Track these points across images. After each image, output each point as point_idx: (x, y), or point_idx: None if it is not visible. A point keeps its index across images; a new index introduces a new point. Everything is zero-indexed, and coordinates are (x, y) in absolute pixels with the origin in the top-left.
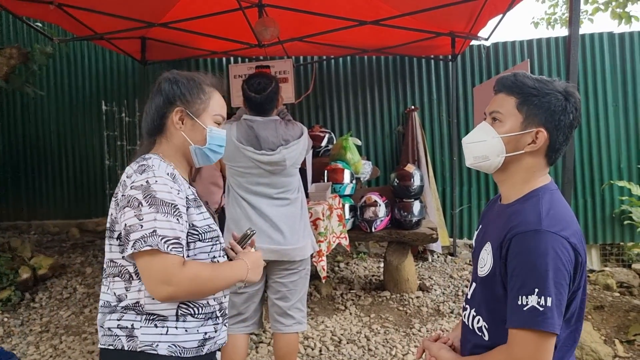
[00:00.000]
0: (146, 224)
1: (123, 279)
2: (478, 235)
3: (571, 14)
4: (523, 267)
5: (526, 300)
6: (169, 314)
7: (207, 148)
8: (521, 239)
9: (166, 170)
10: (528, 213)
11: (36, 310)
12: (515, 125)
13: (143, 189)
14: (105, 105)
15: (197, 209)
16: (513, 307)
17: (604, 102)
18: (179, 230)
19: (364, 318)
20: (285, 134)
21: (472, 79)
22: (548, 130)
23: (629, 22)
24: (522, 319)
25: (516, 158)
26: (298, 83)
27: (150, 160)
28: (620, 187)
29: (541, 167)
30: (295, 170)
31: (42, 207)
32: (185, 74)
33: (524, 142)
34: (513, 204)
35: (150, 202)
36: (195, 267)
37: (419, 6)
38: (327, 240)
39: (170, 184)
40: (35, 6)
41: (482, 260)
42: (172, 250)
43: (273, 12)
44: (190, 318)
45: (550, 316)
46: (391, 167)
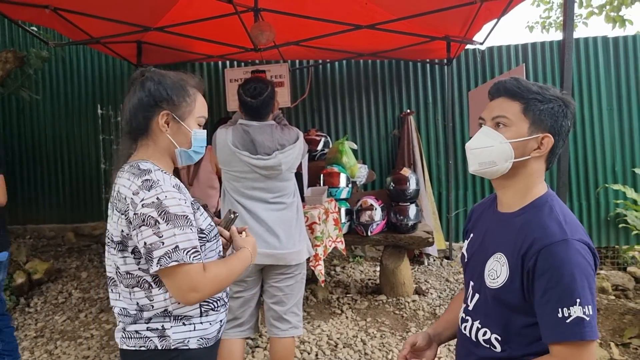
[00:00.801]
0: (167, 241)
1: (142, 289)
2: (472, 243)
3: (565, 19)
4: (560, 280)
5: (568, 312)
6: (194, 313)
7: (192, 150)
8: (550, 252)
9: (171, 183)
10: (549, 223)
11: (31, 315)
12: (522, 130)
13: (156, 206)
14: (101, 109)
15: (198, 211)
16: (553, 321)
17: (598, 106)
18: (194, 239)
19: (360, 322)
20: (281, 139)
21: (468, 83)
22: (552, 134)
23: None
24: (568, 332)
25: (522, 163)
26: (294, 87)
27: (152, 174)
28: (615, 190)
29: (542, 172)
30: (291, 175)
31: (38, 211)
32: (168, 74)
33: (530, 147)
34: (520, 213)
35: (166, 219)
36: (213, 269)
37: (414, 10)
38: (323, 245)
39: (179, 196)
40: (31, 10)
41: (494, 271)
42: (194, 259)
43: (269, 16)
44: (211, 312)
45: (594, 324)
46: (387, 170)
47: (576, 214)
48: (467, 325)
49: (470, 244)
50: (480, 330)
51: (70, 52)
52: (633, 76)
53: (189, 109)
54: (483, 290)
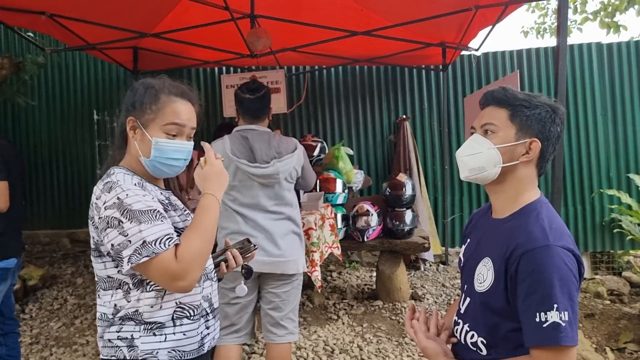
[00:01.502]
0: (133, 238)
1: (123, 290)
2: (468, 248)
3: (559, 26)
4: (540, 285)
5: (545, 316)
6: (165, 319)
7: (154, 160)
8: (532, 256)
9: (132, 181)
10: (533, 228)
11: (26, 321)
12: (509, 136)
13: (117, 207)
14: (97, 115)
15: (172, 211)
16: (532, 325)
17: (592, 112)
18: (166, 228)
19: (356, 327)
20: (279, 147)
21: (463, 89)
22: (540, 140)
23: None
24: (544, 336)
25: (511, 169)
26: (290, 93)
27: (114, 176)
28: (610, 195)
29: (533, 178)
30: (290, 185)
31: (33, 217)
32: (149, 82)
33: (519, 152)
34: (510, 219)
35: (129, 217)
36: (184, 244)
37: (409, 17)
38: (319, 250)
39: (141, 193)
40: (27, 16)
41: (481, 275)
42: (170, 244)
43: (265, 22)
44: (186, 321)
45: (571, 330)
46: (383, 176)
47: (571, 219)
48: (459, 328)
49: (467, 249)
50: (469, 333)
51: (66, 58)
52: (627, 82)
53: (152, 117)
54: (472, 294)
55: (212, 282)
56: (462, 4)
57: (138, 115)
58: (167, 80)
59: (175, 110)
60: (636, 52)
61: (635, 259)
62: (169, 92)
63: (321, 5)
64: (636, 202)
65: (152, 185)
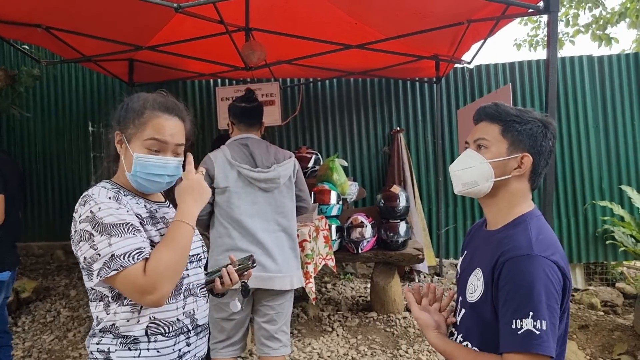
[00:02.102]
0: (102, 252)
1: (103, 302)
2: (464, 261)
3: (549, 40)
4: (517, 291)
5: (520, 323)
6: (139, 334)
7: (136, 175)
8: (514, 264)
9: (107, 195)
10: (519, 238)
11: (19, 334)
12: (501, 150)
13: (89, 220)
14: (91, 127)
15: (152, 226)
16: (507, 332)
17: (584, 124)
18: (138, 242)
19: (351, 339)
20: (277, 154)
21: (456, 101)
22: (531, 154)
23: (609, 44)
24: (517, 343)
25: (503, 183)
26: (285, 105)
27: (91, 190)
28: (602, 207)
29: (526, 192)
30: (290, 193)
31: (27, 229)
32: (137, 97)
33: (511, 167)
34: (501, 230)
35: (100, 230)
36: (153, 258)
37: (403, 30)
38: (313, 262)
39: (115, 206)
40: (23, 29)
41: (472, 286)
42: (139, 258)
43: (260, 35)
44: (160, 337)
45: (546, 339)
46: (377, 187)
47: (564, 230)
48: (453, 338)
49: (463, 261)
50: (463, 342)
51: (61, 70)
52: (618, 94)
53: (134, 131)
54: (465, 305)
55: (196, 297)
56: (454, 18)
57: (123, 129)
58: (155, 95)
59: (156, 125)
60: (627, 65)
61: (628, 270)
62: (152, 107)
63: (315, 18)
64: (628, 213)
65: (138, 198)
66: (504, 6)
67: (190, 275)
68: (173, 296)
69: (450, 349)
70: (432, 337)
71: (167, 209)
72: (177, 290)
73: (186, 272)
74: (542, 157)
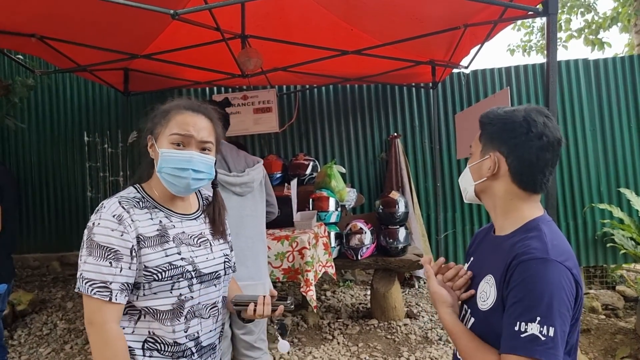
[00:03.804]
0: (81, 266)
1: None
2: (471, 267)
3: (549, 43)
4: (527, 294)
5: (525, 327)
6: (135, 346)
7: (162, 172)
8: (528, 266)
9: (114, 212)
10: (533, 242)
11: (15, 348)
12: (477, 155)
13: (88, 231)
14: (87, 137)
15: (157, 246)
16: (509, 332)
17: (581, 127)
18: (108, 274)
19: (352, 347)
20: (246, 158)
21: (453, 106)
22: (503, 154)
23: (602, 49)
24: (518, 345)
25: (485, 186)
26: (282, 112)
27: (107, 200)
28: (602, 209)
29: (518, 194)
30: (262, 196)
31: (22, 241)
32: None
33: (485, 169)
34: (512, 236)
35: (87, 245)
36: (111, 337)
37: (399, 36)
38: (314, 270)
39: (113, 226)
40: (17, 39)
41: (484, 293)
42: (96, 294)
43: (256, 42)
44: (156, 354)
45: (553, 346)
46: (376, 194)
47: (564, 233)
48: None
49: (470, 267)
50: None
51: (56, 80)
52: (614, 97)
53: (161, 130)
54: (477, 313)
55: (201, 319)
56: (450, 23)
57: (152, 132)
58: (183, 99)
59: (180, 121)
60: (622, 68)
61: (628, 273)
62: (179, 107)
63: (311, 25)
64: (628, 215)
65: (157, 211)
66: (502, 9)
67: (197, 297)
68: (169, 318)
69: (457, 329)
70: (446, 313)
71: (193, 222)
72: (175, 313)
73: (190, 295)
74: (519, 155)
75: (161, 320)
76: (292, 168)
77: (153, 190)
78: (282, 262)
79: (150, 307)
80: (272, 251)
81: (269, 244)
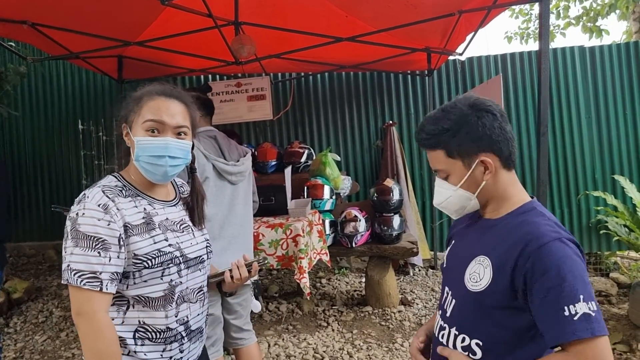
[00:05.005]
0: (67, 257)
1: None
2: (455, 249)
3: (541, 29)
4: (561, 278)
5: (574, 309)
6: (127, 336)
7: (139, 160)
8: (549, 250)
9: (98, 202)
10: (541, 224)
11: (10, 335)
12: (460, 170)
13: (72, 221)
14: (81, 125)
15: (145, 233)
16: (561, 321)
17: (577, 114)
18: (97, 264)
19: (346, 334)
20: (237, 147)
21: (449, 93)
22: (487, 149)
23: (600, 36)
24: (577, 330)
25: (485, 188)
26: (276, 100)
27: (89, 190)
28: (596, 197)
29: (508, 177)
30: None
31: (18, 229)
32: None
33: (479, 174)
34: (508, 218)
35: (72, 236)
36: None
37: (394, 23)
38: (308, 257)
39: (99, 216)
40: (8, 26)
41: (476, 274)
42: (86, 284)
43: (249, 29)
44: (148, 342)
45: (601, 319)
46: (370, 181)
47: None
48: (445, 333)
49: (452, 251)
50: (459, 337)
51: (49, 67)
52: (610, 84)
53: (134, 117)
54: (462, 295)
55: (190, 303)
56: (445, 9)
57: (127, 120)
58: (156, 85)
59: (152, 107)
60: (618, 55)
61: (622, 260)
62: (150, 92)
63: (306, 11)
64: (622, 203)
65: (140, 199)
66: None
67: (185, 282)
68: (162, 305)
69: None
70: None
71: (173, 208)
72: (167, 299)
73: (179, 280)
74: (499, 143)
75: (153, 307)
76: (287, 156)
77: (132, 178)
78: (276, 250)
79: (142, 295)
80: (266, 239)
81: (263, 232)
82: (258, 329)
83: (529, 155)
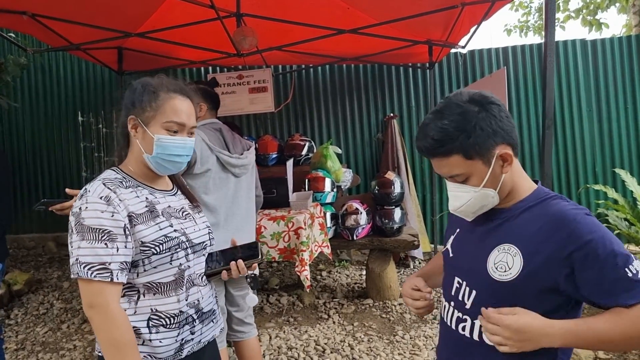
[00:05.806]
0: (74, 252)
1: None
2: (461, 239)
3: (547, 22)
4: (610, 243)
5: (634, 268)
6: (140, 325)
7: (159, 158)
8: (586, 222)
9: (100, 195)
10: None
11: (11, 327)
12: (481, 169)
13: (76, 216)
14: (81, 117)
15: (150, 221)
16: (627, 281)
17: (578, 108)
18: (105, 255)
19: (347, 326)
20: (241, 140)
21: (450, 86)
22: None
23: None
24: None
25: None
26: (277, 92)
27: (90, 184)
28: (596, 190)
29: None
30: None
31: (18, 221)
32: (147, 80)
33: (498, 168)
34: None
35: (78, 230)
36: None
37: (395, 15)
38: (309, 249)
39: (102, 208)
40: (8, 16)
41: (503, 264)
42: (97, 276)
43: (251, 21)
44: (162, 329)
45: None
46: (371, 174)
47: None
48: (466, 325)
49: (458, 240)
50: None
51: (49, 59)
52: (611, 78)
53: (152, 114)
54: (486, 285)
55: (199, 287)
56: (448, 1)
57: (138, 113)
58: (165, 78)
59: (174, 107)
60: (620, 48)
61: None
62: (167, 89)
63: (307, 3)
64: (622, 196)
65: (141, 190)
66: None
67: (192, 266)
68: (173, 289)
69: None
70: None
71: (173, 197)
72: (178, 283)
73: (187, 264)
74: (510, 131)
75: (165, 292)
76: (288, 148)
77: (131, 170)
78: (277, 242)
79: (153, 282)
80: (268, 231)
81: (266, 224)
82: (259, 322)
83: (529, 149)
